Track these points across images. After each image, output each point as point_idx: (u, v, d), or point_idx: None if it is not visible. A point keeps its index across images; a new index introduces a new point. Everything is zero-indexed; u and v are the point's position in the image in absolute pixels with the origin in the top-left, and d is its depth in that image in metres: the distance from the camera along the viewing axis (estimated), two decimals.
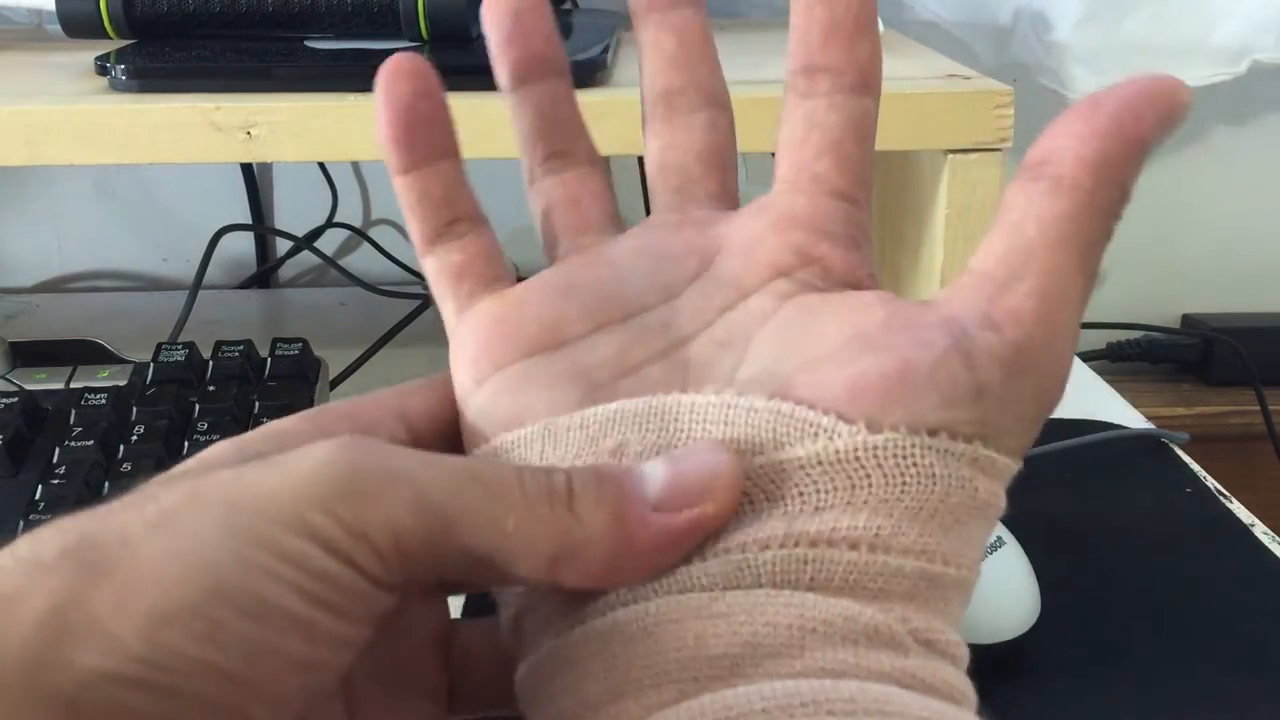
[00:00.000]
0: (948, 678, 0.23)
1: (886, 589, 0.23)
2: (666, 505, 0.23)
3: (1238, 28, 0.82)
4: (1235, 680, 0.45)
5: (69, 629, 0.18)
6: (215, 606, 0.19)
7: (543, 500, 0.22)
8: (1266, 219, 0.98)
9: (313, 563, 0.20)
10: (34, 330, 0.77)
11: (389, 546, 0.21)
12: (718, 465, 0.23)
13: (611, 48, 0.61)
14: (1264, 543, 0.54)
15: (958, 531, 0.24)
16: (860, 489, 0.23)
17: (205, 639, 0.19)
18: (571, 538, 0.22)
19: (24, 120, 0.53)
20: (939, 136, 0.55)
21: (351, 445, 0.22)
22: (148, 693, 0.18)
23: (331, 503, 0.20)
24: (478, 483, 0.22)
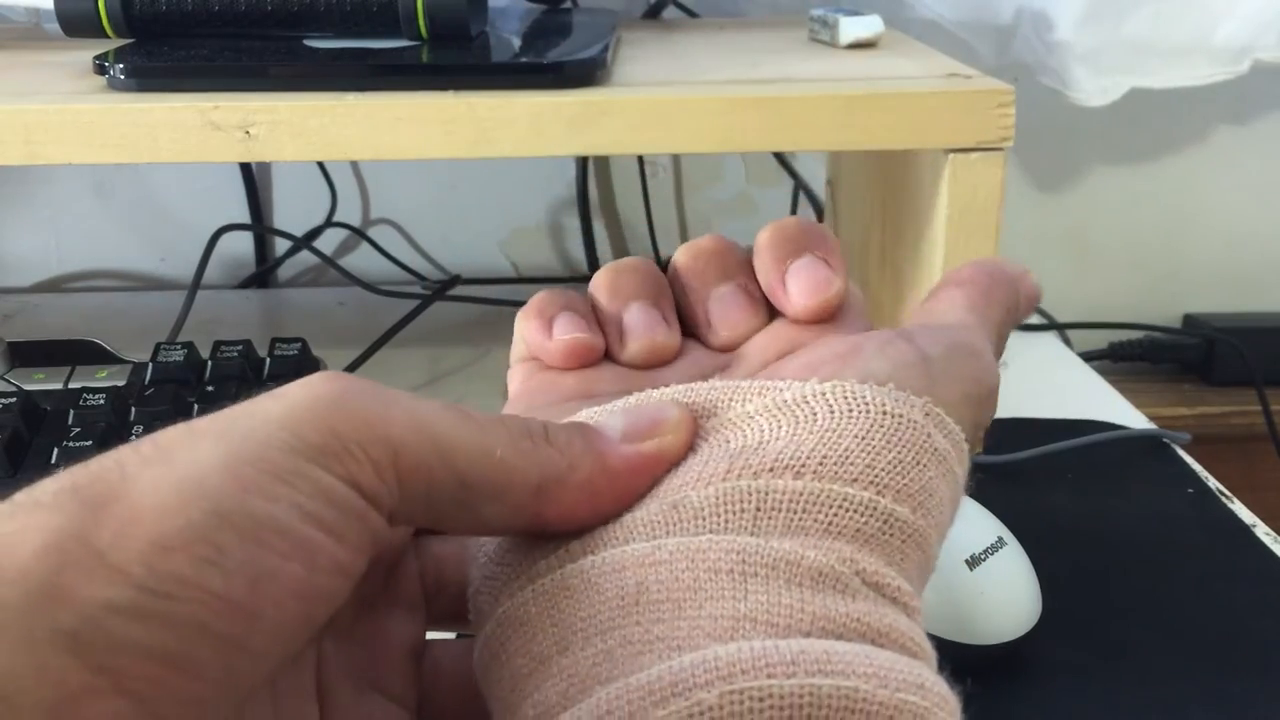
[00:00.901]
0: (897, 625, 0.23)
1: (835, 524, 0.23)
2: (630, 438, 0.25)
3: (1239, 27, 0.82)
4: (1236, 680, 0.45)
5: (69, 562, 0.18)
6: (215, 530, 0.19)
7: (524, 435, 0.24)
8: (1268, 219, 0.97)
9: (310, 478, 0.20)
10: (32, 330, 0.77)
11: (386, 461, 0.21)
12: (666, 407, 0.26)
13: (611, 47, 0.61)
14: (1265, 543, 0.54)
15: (913, 472, 0.25)
16: (805, 423, 0.25)
17: (207, 563, 0.19)
18: (555, 466, 0.24)
19: (22, 120, 0.53)
20: (940, 135, 0.55)
21: (344, 375, 0.23)
22: (150, 623, 0.18)
23: (329, 419, 0.21)
24: (467, 416, 0.23)
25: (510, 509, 0.24)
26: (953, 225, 0.56)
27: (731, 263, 0.32)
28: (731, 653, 0.21)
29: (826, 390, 0.25)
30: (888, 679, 0.21)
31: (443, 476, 0.23)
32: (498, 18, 0.68)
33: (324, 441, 0.21)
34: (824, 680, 0.20)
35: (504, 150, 0.54)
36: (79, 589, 0.18)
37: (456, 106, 0.53)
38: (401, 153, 0.54)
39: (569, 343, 0.30)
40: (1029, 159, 0.94)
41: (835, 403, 0.25)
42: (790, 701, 0.20)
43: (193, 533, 0.19)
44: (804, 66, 0.63)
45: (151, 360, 0.59)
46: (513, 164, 0.89)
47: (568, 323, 0.30)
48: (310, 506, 0.20)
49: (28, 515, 0.19)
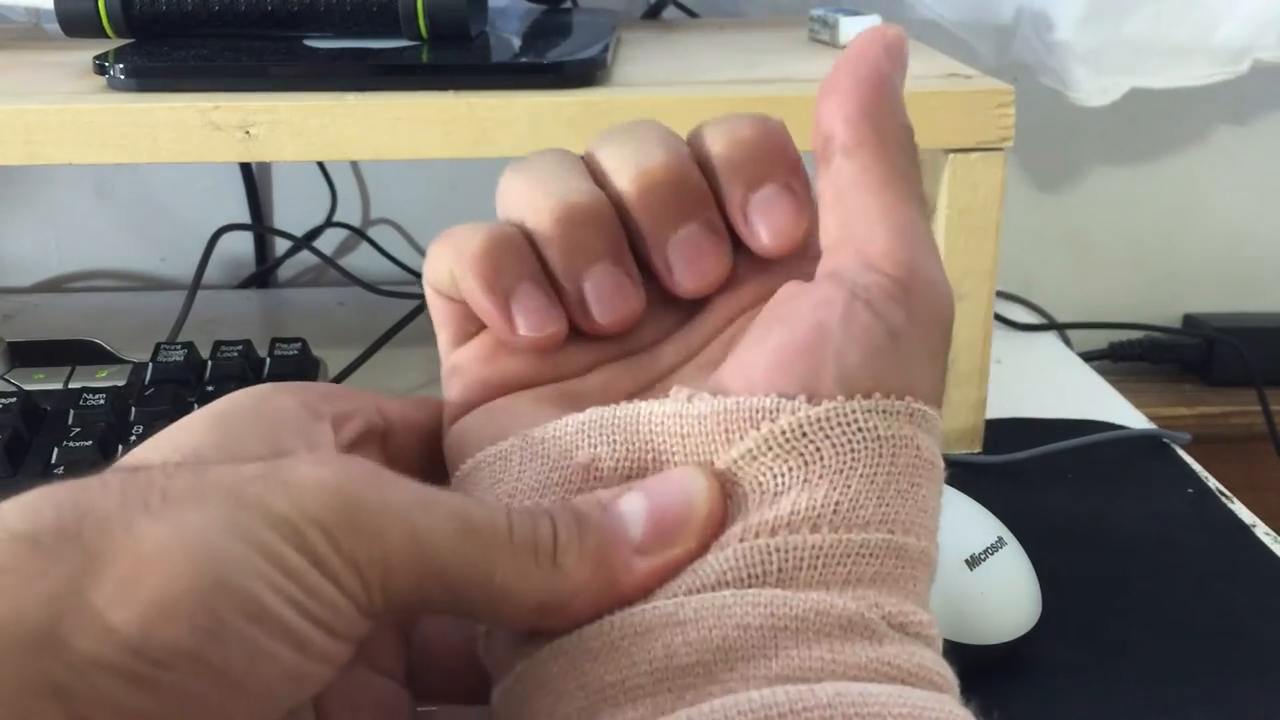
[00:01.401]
0: (924, 662, 0.23)
1: (856, 573, 0.23)
2: (649, 548, 0.23)
3: (1239, 27, 0.82)
4: (1236, 680, 0.45)
5: (66, 616, 0.18)
6: (218, 601, 0.19)
7: (529, 553, 0.22)
8: (1268, 219, 0.97)
9: (309, 580, 0.20)
10: (32, 330, 0.77)
11: (377, 582, 0.21)
12: (695, 498, 0.23)
13: (611, 47, 0.61)
14: (1265, 543, 0.54)
15: (913, 496, 0.24)
16: (813, 464, 0.23)
17: (205, 633, 0.19)
18: (557, 591, 0.22)
19: (22, 120, 0.53)
20: (940, 135, 0.55)
21: (354, 470, 0.22)
22: (137, 687, 0.18)
23: (330, 527, 0.20)
24: (471, 531, 0.22)
25: (505, 623, 0.23)
26: (953, 225, 0.56)
27: (688, 195, 0.28)
28: (766, 696, 0.20)
29: (822, 419, 0.24)
30: (922, 717, 0.21)
31: (437, 594, 0.22)
32: (498, 18, 0.68)
33: (323, 547, 0.20)
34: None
35: (504, 150, 0.54)
36: (73, 643, 0.18)
37: (456, 106, 0.53)
38: (401, 153, 0.54)
39: (538, 341, 0.27)
40: (1029, 159, 0.94)
41: (835, 437, 0.23)
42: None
43: (195, 600, 0.19)
44: (804, 66, 0.63)
45: (151, 360, 0.59)
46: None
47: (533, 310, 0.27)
48: (306, 604, 0.20)
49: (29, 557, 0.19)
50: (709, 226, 0.28)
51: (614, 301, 0.27)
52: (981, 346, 0.59)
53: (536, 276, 0.27)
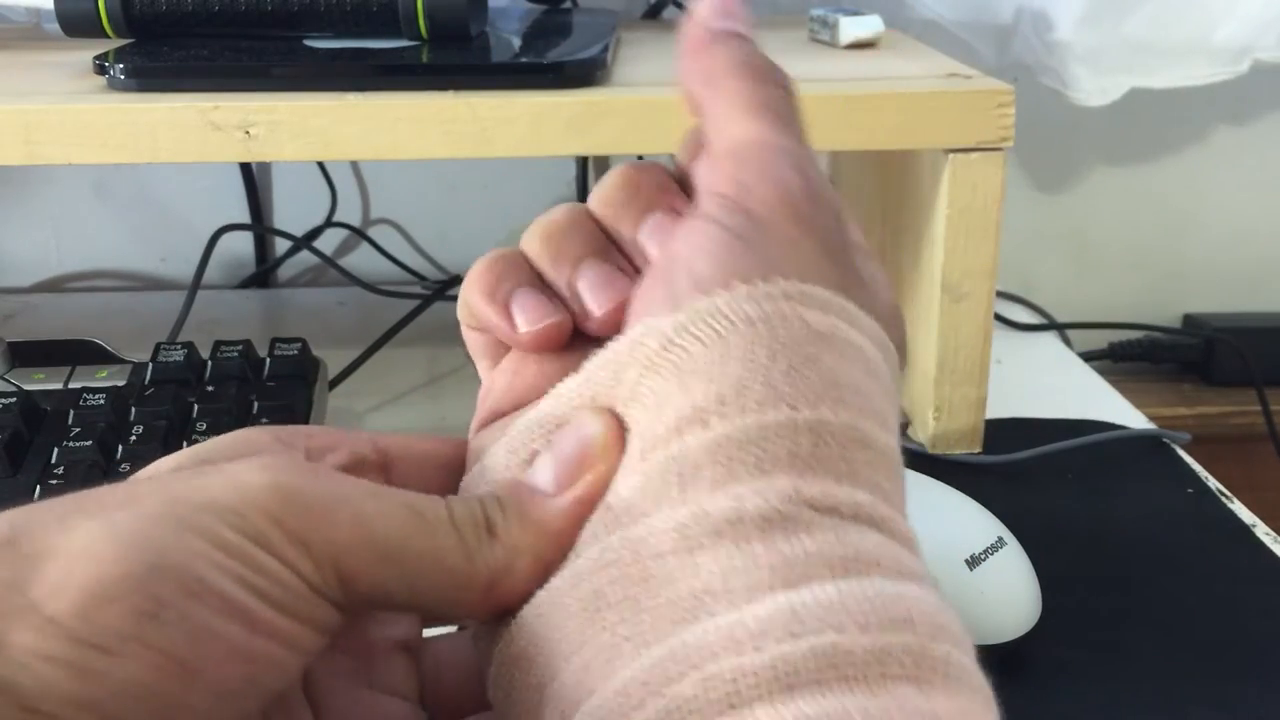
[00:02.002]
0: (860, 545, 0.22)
1: (765, 459, 0.22)
2: (561, 487, 0.24)
3: (1239, 27, 0.82)
4: (1236, 680, 0.45)
5: (6, 613, 0.18)
6: (155, 581, 0.19)
7: (472, 531, 0.23)
8: (1268, 218, 0.97)
9: (252, 556, 0.20)
10: (32, 330, 0.77)
11: (329, 563, 0.21)
12: (585, 429, 0.24)
13: (611, 47, 0.61)
14: (1265, 543, 0.54)
15: (812, 369, 0.23)
16: (686, 366, 0.23)
17: (144, 614, 0.19)
18: (501, 558, 0.23)
19: (22, 119, 0.53)
20: (940, 135, 0.55)
21: (297, 465, 0.22)
22: (85, 677, 0.18)
23: (275, 511, 0.21)
24: (417, 517, 0.23)
25: (464, 609, 0.24)
26: (953, 225, 0.56)
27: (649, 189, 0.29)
28: (698, 637, 0.21)
29: (685, 325, 0.23)
30: (868, 621, 0.20)
31: (391, 585, 0.23)
32: (498, 18, 0.68)
33: (268, 529, 0.21)
34: (795, 645, 0.20)
35: (504, 150, 0.54)
36: (12, 638, 0.18)
37: (456, 106, 0.53)
38: (401, 153, 0.54)
39: (539, 333, 0.27)
40: (1029, 159, 0.94)
41: (703, 333, 0.23)
42: (766, 675, 0.20)
43: (130, 584, 0.19)
44: (804, 66, 0.63)
45: (151, 360, 0.59)
46: (513, 164, 0.89)
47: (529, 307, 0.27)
48: (252, 579, 0.20)
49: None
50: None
51: (606, 291, 0.27)
52: (981, 346, 0.59)
53: (533, 282, 0.28)
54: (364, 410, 0.67)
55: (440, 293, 0.77)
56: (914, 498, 0.52)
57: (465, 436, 0.29)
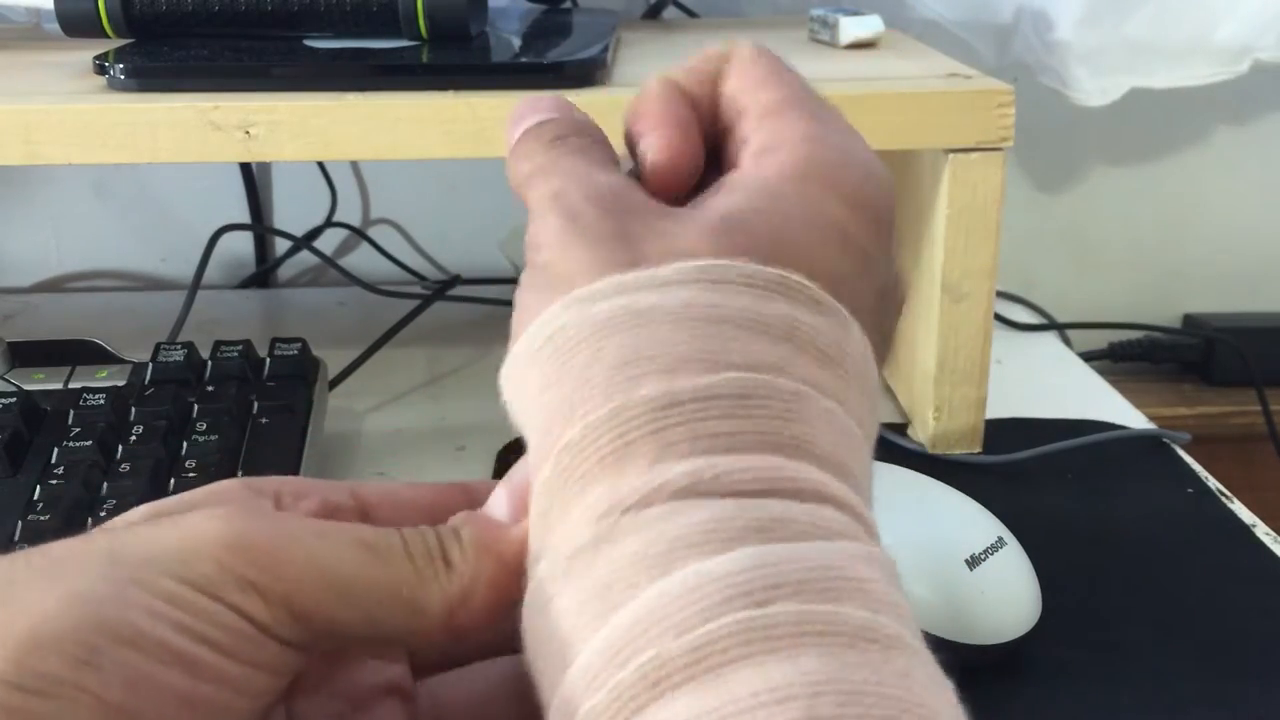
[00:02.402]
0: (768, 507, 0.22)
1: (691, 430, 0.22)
2: (517, 516, 0.25)
3: (1239, 27, 0.82)
4: (1236, 680, 0.45)
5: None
6: (91, 633, 0.20)
7: (426, 561, 0.24)
8: (1268, 218, 0.97)
9: (194, 603, 0.21)
10: (32, 330, 0.77)
11: (280, 604, 0.22)
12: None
13: (611, 47, 0.61)
14: (1265, 543, 0.54)
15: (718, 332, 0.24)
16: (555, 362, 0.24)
17: (80, 663, 0.19)
18: (457, 585, 0.24)
19: (22, 119, 0.53)
20: (940, 135, 0.55)
21: (246, 509, 0.23)
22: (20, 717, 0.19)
23: (221, 556, 0.21)
24: (370, 551, 0.23)
25: (423, 638, 0.24)
26: (953, 225, 0.56)
27: None
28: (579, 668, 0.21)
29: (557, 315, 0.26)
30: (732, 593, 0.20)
31: (348, 618, 0.23)
32: (498, 18, 0.68)
33: (212, 573, 0.21)
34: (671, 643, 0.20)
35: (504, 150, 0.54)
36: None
37: (456, 106, 0.53)
38: (401, 153, 0.54)
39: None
40: (1029, 159, 0.94)
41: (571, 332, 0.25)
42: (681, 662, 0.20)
43: (67, 634, 0.19)
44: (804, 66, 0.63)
45: (151, 360, 0.59)
46: None
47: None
48: (196, 626, 0.21)
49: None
50: None
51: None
52: (981, 346, 0.59)
53: None
54: (364, 410, 0.67)
55: (440, 293, 0.77)
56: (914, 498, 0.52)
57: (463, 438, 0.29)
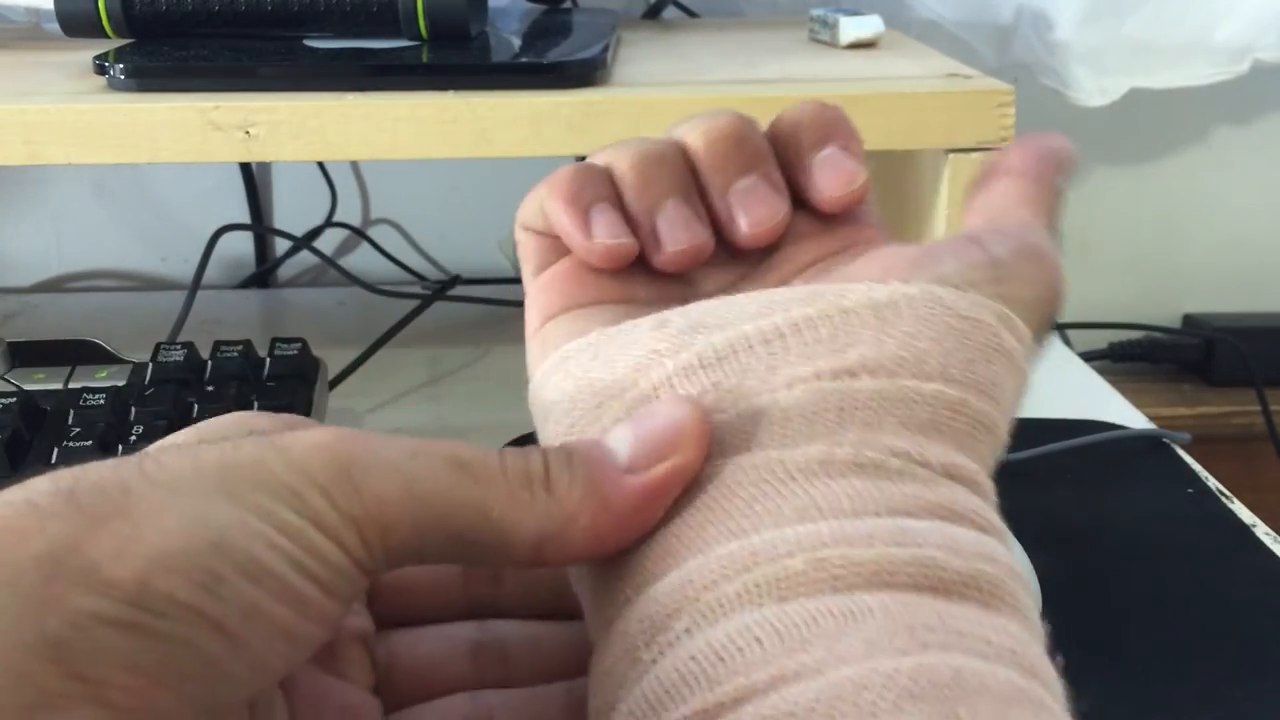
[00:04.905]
0: (966, 502, 0.24)
1: (910, 417, 0.24)
2: (638, 465, 0.24)
3: (1239, 27, 0.82)
4: (1235, 680, 0.45)
5: (63, 572, 0.18)
6: (215, 560, 0.19)
7: (523, 484, 0.23)
8: (1268, 219, 0.97)
9: (307, 538, 0.20)
10: (32, 330, 0.77)
11: (376, 538, 0.21)
12: (681, 418, 0.24)
13: (611, 47, 0.61)
14: (1265, 543, 0.54)
15: (984, 369, 0.25)
16: (888, 324, 0.25)
17: (202, 588, 0.19)
18: (553, 518, 0.23)
19: (22, 120, 0.53)
20: (940, 135, 0.55)
21: (345, 434, 0.22)
22: (138, 635, 0.18)
23: (327, 486, 0.21)
24: (464, 470, 0.23)
25: (507, 561, 0.24)
26: (953, 225, 0.56)
27: (751, 151, 0.30)
28: (809, 530, 0.22)
29: (913, 294, 0.25)
30: (960, 549, 0.22)
31: (435, 540, 0.22)
32: (498, 18, 0.68)
33: (321, 506, 0.21)
34: (900, 550, 0.21)
35: (504, 150, 0.54)
36: (70, 599, 0.18)
37: (456, 106, 0.53)
38: (401, 153, 0.54)
39: (611, 249, 0.28)
40: None
41: (918, 306, 0.25)
42: (871, 568, 0.21)
43: (192, 558, 0.19)
44: (804, 66, 0.63)
45: (151, 360, 0.59)
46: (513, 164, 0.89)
47: (608, 222, 0.29)
48: (306, 562, 0.20)
49: (25, 519, 0.19)
50: (768, 179, 0.30)
51: (682, 232, 0.29)
52: None
53: (613, 200, 0.29)
54: (364, 410, 0.67)
55: (440, 293, 0.77)
56: None
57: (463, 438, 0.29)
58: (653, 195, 0.29)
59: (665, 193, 0.29)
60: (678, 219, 0.29)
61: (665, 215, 0.29)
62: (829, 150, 0.30)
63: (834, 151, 0.30)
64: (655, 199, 0.29)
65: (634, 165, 0.29)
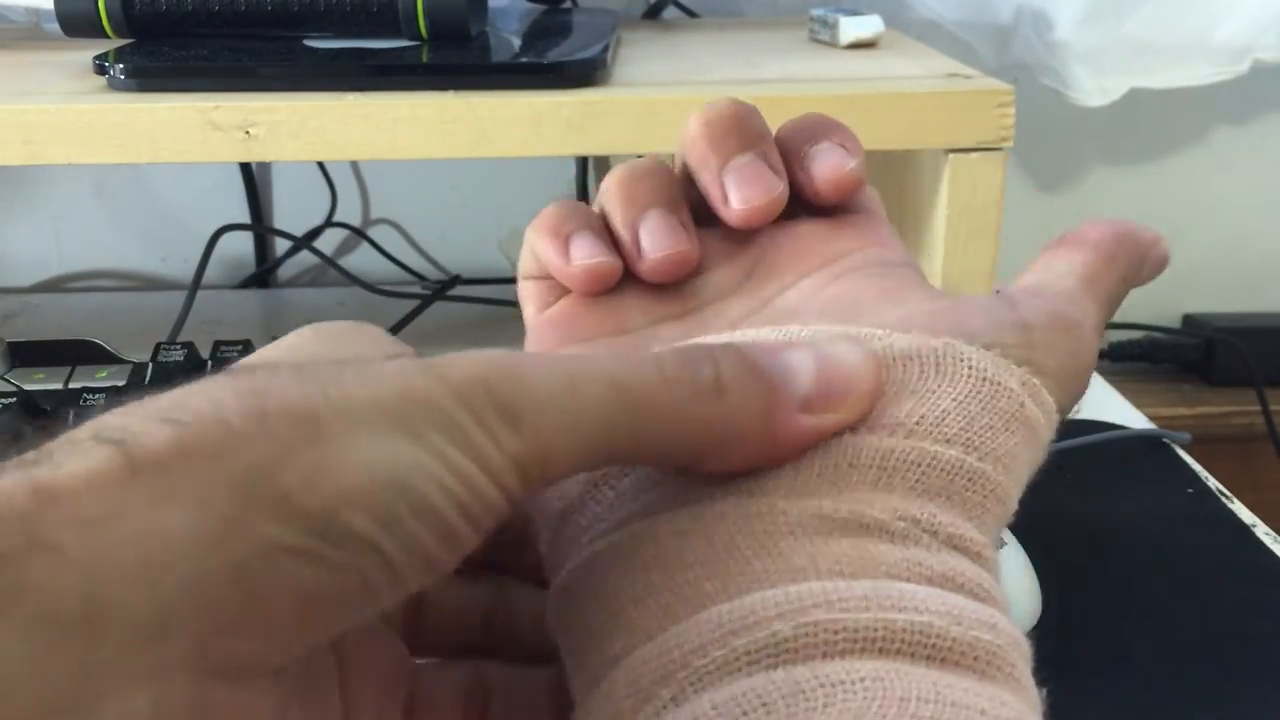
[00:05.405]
0: (964, 570, 0.23)
1: (923, 483, 0.23)
2: (815, 406, 0.23)
3: (1239, 27, 0.82)
4: (1236, 681, 0.45)
5: (256, 499, 0.18)
6: (395, 498, 0.19)
7: (691, 397, 0.22)
8: (1268, 219, 0.97)
9: (473, 482, 0.20)
10: (33, 330, 0.77)
11: (536, 473, 0.21)
12: (863, 368, 0.24)
13: (611, 47, 0.61)
14: (1265, 543, 0.54)
15: (1002, 437, 0.25)
16: (911, 378, 0.24)
17: (381, 525, 0.19)
18: (720, 433, 0.23)
19: (22, 120, 0.53)
20: (940, 136, 0.55)
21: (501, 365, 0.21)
22: (317, 565, 0.19)
23: (493, 427, 0.21)
24: (625, 396, 0.22)
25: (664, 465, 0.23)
26: (953, 225, 0.57)
27: (748, 130, 0.30)
28: (801, 590, 0.21)
29: (938, 348, 0.25)
30: (961, 617, 0.21)
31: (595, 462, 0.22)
32: (498, 18, 0.68)
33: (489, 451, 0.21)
34: (898, 615, 0.21)
35: (504, 150, 0.54)
36: (259, 527, 0.18)
37: (456, 106, 0.53)
38: (401, 153, 0.54)
39: (589, 268, 0.29)
40: (1029, 159, 0.94)
41: (941, 362, 0.25)
42: (864, 635, 0.20)
43: (376, 497, 0.19)
44: (804, 66, 0.63)
45: (151, 360, 0.59)
46: (513, 164, 0.89)
47: (586, 244, 0.29)
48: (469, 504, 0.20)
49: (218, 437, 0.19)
50: (765, 158, 0.30)
51: (664, 239, 0.29)
52: None
53: (595, 226, 0.29)
54: None
55: (440, 293, 0.77)
56: None
57: None
58: (636, 208, 0.29)
59: (647, 204, 0.29)
60: (659, 227, 0.29)
61: (646, 225, 0.29)
62: (824, 144, 0.30)
63: (828, 144, 0.30)
64: (638, 211, 0.29)
65: (619, 183, 0.30)
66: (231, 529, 0.18)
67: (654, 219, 0.29)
